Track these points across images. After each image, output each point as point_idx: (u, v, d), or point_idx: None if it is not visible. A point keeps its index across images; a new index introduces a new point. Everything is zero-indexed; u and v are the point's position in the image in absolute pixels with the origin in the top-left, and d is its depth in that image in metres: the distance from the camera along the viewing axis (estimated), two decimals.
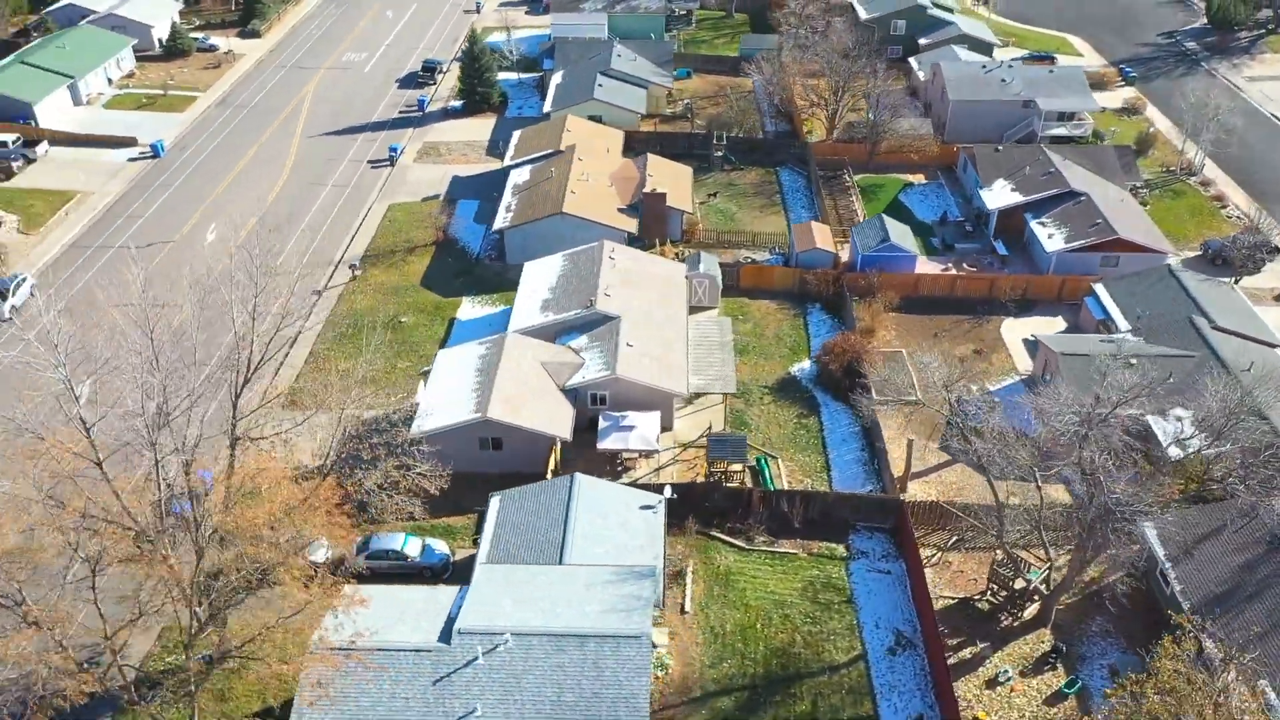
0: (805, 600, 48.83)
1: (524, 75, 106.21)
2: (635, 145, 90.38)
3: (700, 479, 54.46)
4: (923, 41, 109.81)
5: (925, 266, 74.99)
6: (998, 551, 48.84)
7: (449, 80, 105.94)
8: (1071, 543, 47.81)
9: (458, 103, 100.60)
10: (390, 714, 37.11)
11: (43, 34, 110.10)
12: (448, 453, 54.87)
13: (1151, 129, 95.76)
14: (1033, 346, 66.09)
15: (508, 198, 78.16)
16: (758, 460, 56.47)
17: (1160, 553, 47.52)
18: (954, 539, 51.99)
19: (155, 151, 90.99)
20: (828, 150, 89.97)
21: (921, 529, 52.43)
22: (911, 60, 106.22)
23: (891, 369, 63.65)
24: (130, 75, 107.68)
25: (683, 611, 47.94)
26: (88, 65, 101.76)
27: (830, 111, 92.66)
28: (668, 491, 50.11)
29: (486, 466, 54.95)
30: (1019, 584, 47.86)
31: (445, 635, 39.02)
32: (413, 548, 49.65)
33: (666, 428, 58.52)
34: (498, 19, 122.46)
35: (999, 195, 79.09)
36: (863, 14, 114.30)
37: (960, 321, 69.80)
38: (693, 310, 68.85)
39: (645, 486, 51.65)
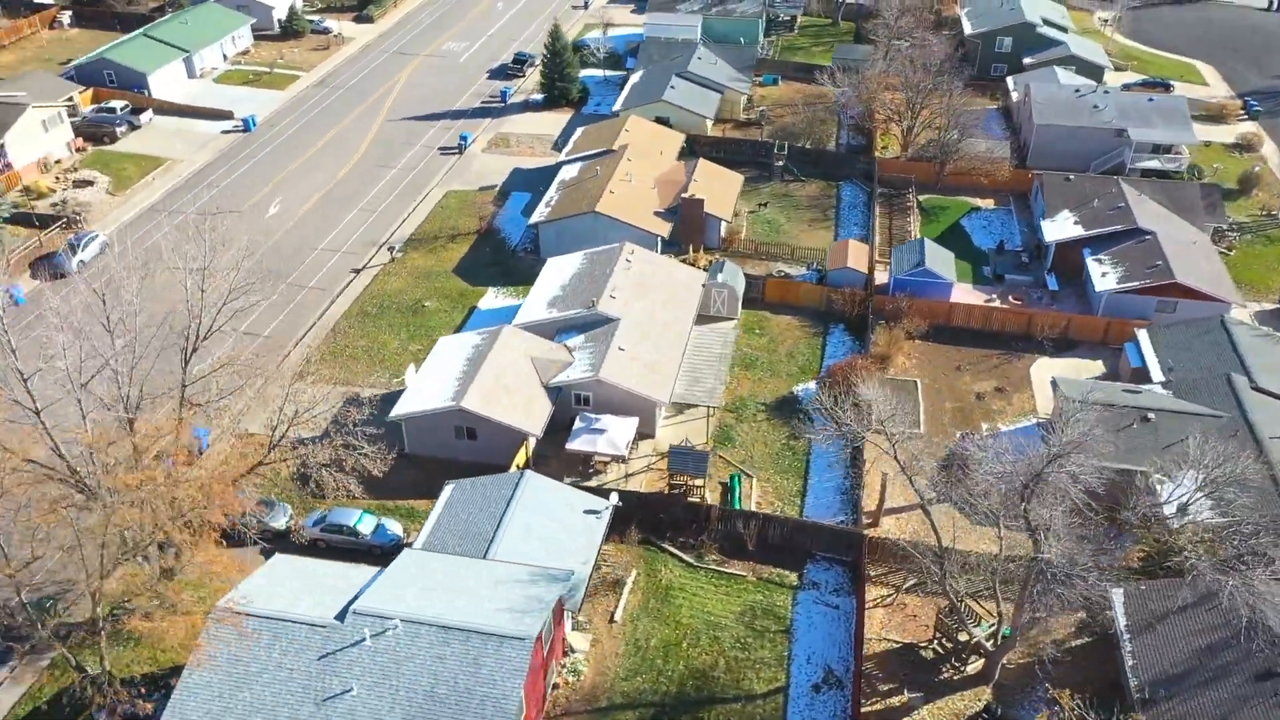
0: (740, 625, 47.80)
1: (609, 73, 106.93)
2: (699, 150, 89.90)
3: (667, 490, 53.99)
4: (1027, 61, 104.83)
5: (965, 295, 71.85)
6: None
7: (537, 74, 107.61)
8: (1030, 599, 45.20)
9: (539, 96, 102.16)
10: (273, 682, 38.40)
11: (175, 10, 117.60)
12: (426, 438, 56.56)
13: (1258, 168, 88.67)
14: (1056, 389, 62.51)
15: (551, 193, 79.08)
16: (731, 477, 55.51)
17: (1121, 623, 44.39)
18: (913, 581, 49.84)
19: (246, 126, 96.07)
20: (897, 167, 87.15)
21: (880, 567, 50.51)
22: (1009, 79, 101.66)
23: (897, 398, 61.33)
24: (245, 53, 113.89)
25: (611, 620, 47.70)
26: (204, 41, 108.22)
27: (905, 127, 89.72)
28: (614, 498, 49.87)
29: (463, 455, 55.99)
30: (963, 636, 45.57)
31: (342, 614, 40.03)
32: (366, 526, 51.09)
33: (648, 435, 58.20)
34: (604, 16, 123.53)
35: (1060, 227, 74.94)
36: (968, 28, 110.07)
37: (990, 356, 66.62)
38: (710, 320, 68.18)
39: (597, 491, 51.54)
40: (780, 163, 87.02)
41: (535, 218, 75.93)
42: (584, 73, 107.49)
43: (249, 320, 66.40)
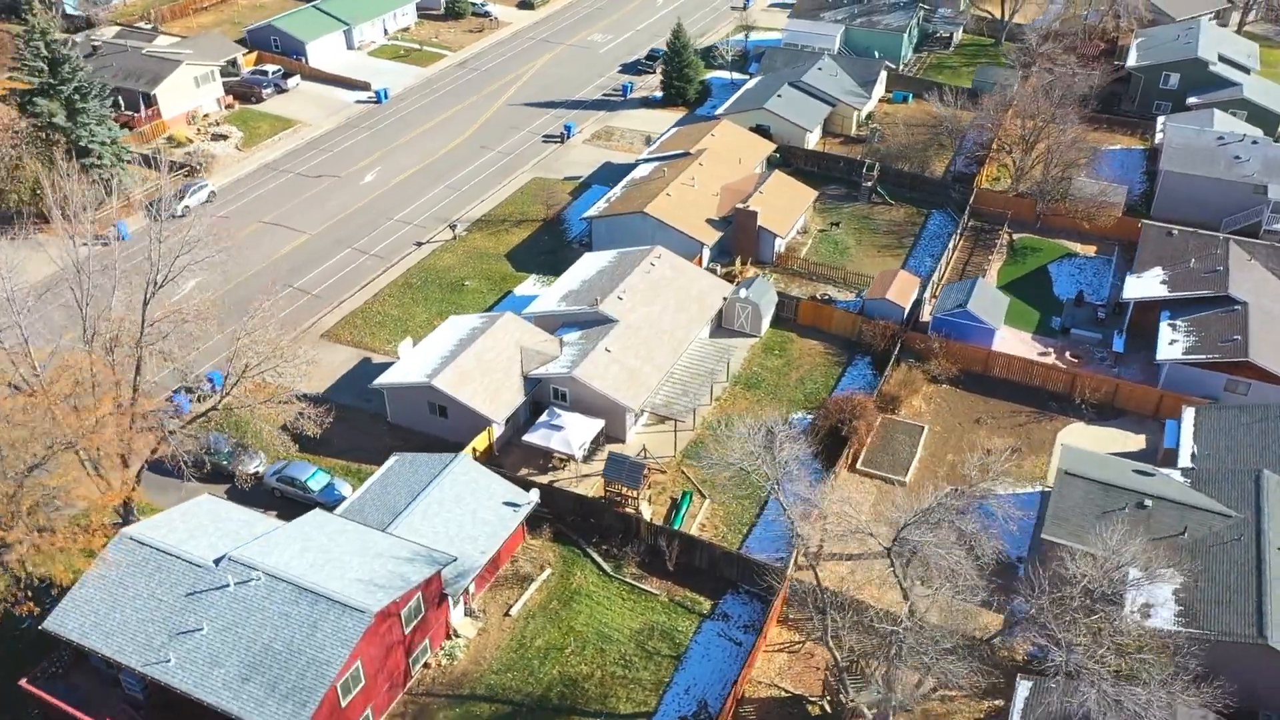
0: (632, 642, 47.04)
1: (736, 75, 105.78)
2: (793, 161, 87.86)
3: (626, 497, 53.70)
4: (1191, 100, 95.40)
5: (1017, 344, 66.82)
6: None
7: None
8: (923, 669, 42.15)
9: (659, 94, 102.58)
10: (142, 609, 41.40)
11: None
12: (406, 409, 58.80)
13: None
14: None
15: (616, 189, 79.57)
16: (684, 494, 54.49)
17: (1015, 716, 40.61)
18: (829, 631, 47.19)
19: (378, 98, 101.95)
20: (996, 201, 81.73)
21: (802, 612, 48.10)
22: (1160, 119, 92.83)
23: (893, 441, 58.19)
24: (406, 29, 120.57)
25: (507, 614, 48.11)
26: (366, 15, 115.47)
27: (1016, 159, 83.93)
28: (534, 494, 50.14)
29: (435, 430, 57.87)
30: (843, 697, 42.92)
31: (220, 559, 42.57)
32: (316, 483, 53.79)
33: (617, 439, 57.91)
34: (749, 18, 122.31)
35: (1143, 284, 68.19)
36: (1132, 59, 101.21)
37: (1019, 412, 61.77)
38: (733, 335, 66.89)
39: (527, 485, 51.92)
40: (868, 183, 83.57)
41: (590, 212, 76.70)
42: (712, 74, 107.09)
43: (306, 278, 71.10)
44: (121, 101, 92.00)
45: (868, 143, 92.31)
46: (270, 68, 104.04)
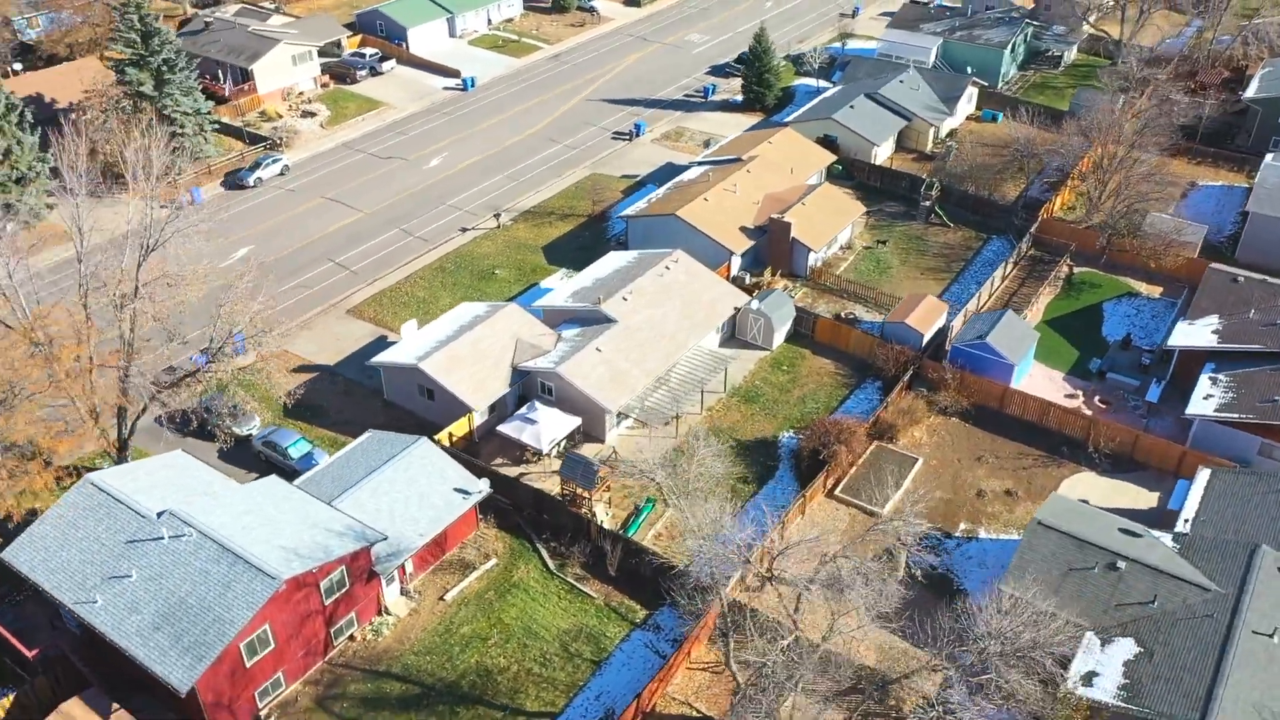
0: (557, 642, 47.06)
1: (822, 83, 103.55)
2: (856, 175, 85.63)
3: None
4: None
5: (1044, 383, 63.31)
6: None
7: None
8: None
9: (739, 98, 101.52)
10: (87, 551, 43.89)
11: None
12: (399, 388, 60.47)
13: None
14: None
15: (661, 190, 79.26)
16: (647, 501, 54.05)
17: None
18: (729, 656, 46.02)
19: (465, 86, 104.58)
20: (1063, 231, 77.38)
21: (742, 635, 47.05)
22: (1269, 155, 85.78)
23: (882, 470, 56.13)
24: (509, 20, 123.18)
25: (441, 598, 48.85)
26: (471, 4, 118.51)
27: (1091, 189, 79.30)
28: (484, 484, 50.68)
29: (421, 411, 59.29)
30: None
31: (163, 512, 44.78)
32: (296, 450, 55.88)
33: (596, 439, 57.86)
34: (848, 26, 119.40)
35: (1193, 332, 63.38)
36: (1252, 90, 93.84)
37: (1027, 455, 58.54)
38: (745, 346, 65.88)
39: (490, 474, 52.50)
40: (926, 202, 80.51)
41: (627, 211, 76.71)
42: (799, 81, 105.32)
43: (350, 254, 73.89)
44: (222, 75, 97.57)
45: (938, 160, 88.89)
46: (369, 51, 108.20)
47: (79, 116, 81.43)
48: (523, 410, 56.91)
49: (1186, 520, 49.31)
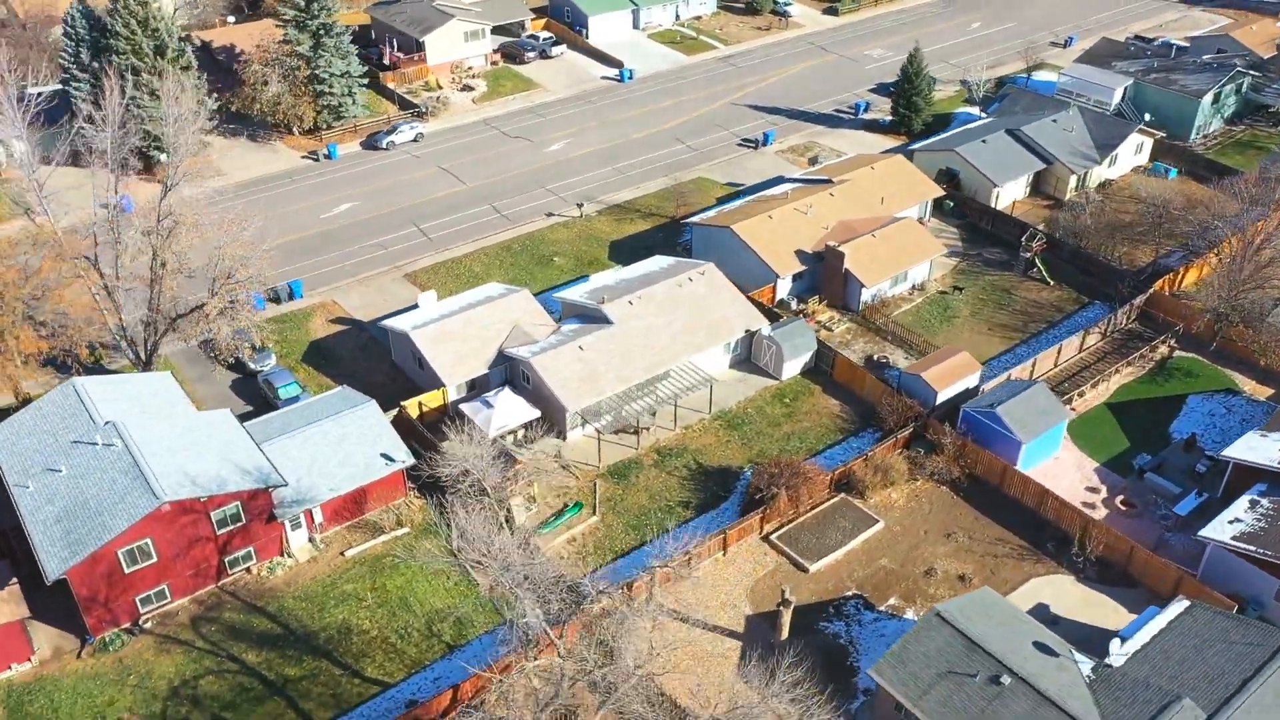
0: (424, 619, 48.35)
1: (980, 113, 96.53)
2: (969, 214, 79.82)
3: None
4: None
5: (1072, 471, 56.98)
6: None
7: None
8: None
9: (888, 118, 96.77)
10: (42, 442, 49.50)
11: None
12: (400, 353, 63.62)
13: None
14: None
15: (739, 201, 77.41)
16: (574, 504, 53.83)
17: None
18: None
19: (621, 78, 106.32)
20: (1173, 308, 68.48)
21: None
22: None
23: (834, 524, 52.83)
24: (698, 18, 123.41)
25: (343, 554, 51.22)
26: None
27: (1224, 265, 69.47)
28: (408, 456, 52.30)
29: (416, 378, 61.92)
30: None
31: (109, 422, 49.64)
32: (286, 392, 60.02)
33: (557, 434, 58.03)
34: (1037, 57, 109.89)
35: (1258, 445, 54.52)
36: None
37: (1006, 541, 53.00)
38: (757, 371, 63.74)
39: (425, 444, 54.10)
40: (1026, 254, 73.55)
41: (695, 218, 75.55)
42: (963, 108, 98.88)
43: (434, 222, 78.08)
44: (397, 44, 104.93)
45: (1068, 210, 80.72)
46: (542, 34, 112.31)
47: (242, 69, 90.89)
48: (488, 394, 58.10)
49: (1124, 655, 42.76)
